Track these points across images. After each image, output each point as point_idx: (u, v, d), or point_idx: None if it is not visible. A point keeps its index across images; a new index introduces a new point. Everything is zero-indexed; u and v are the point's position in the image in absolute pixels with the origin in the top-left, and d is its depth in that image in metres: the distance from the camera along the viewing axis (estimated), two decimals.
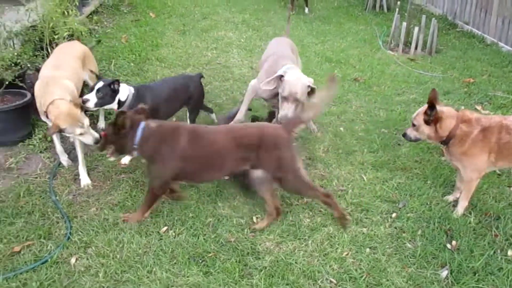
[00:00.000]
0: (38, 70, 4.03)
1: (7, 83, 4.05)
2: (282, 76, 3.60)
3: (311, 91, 3.60)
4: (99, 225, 3.19)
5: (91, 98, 3.55)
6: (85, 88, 4.21)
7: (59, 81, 3.59)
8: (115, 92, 3.61)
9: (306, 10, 8.75)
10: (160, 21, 7.85)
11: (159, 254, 2.96)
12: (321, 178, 3.78)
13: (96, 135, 3.47)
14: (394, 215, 3.35)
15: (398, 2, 7.55)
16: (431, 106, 3.17)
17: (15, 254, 2.93)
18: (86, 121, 3.42)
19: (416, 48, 6.69)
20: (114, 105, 3.66)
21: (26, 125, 4.15)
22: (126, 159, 3.78)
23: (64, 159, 3.87)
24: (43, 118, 3.61)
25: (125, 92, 3.67)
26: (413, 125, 3.33)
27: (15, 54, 4.14)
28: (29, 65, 4.32)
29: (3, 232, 3.11)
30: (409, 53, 6.69)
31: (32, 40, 4.73)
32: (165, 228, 3.19)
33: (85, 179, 3.66)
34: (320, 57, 6.47)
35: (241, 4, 9.09)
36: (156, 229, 3.18)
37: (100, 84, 3.57)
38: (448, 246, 3.04)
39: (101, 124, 4.38)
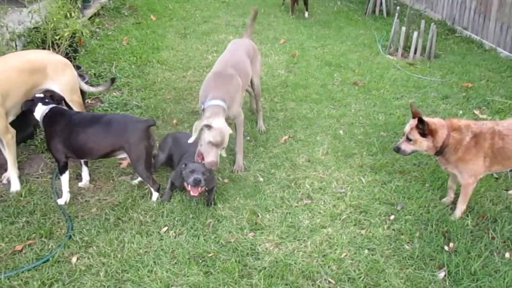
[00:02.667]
0: None
1: None
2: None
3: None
4: (100, 225, 3.22)
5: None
6: None
7: None
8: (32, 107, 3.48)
9: (306, 14, 8.81)
10: (161, 24, 7.91)
11: (160, 254, 2.99)
12: (320, 180, 3.81)
13: None
14: (392, 217, 3.39)
15: (398, 7, 7.60)
16: (420, 119, 3.18)
17: (16, 253, 2.96)
18: None
19: (415, 52, 6.74)
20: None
21: (28, 126, 4.18)
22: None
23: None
24: None
25: (40, 111, 3.45)
26: (409, 139, 3.30)
27: None
28: None
29: (4, 231, 3.13)
30: (408, 58, 6.74)
31: (34, 42, 4.76)
32: (166, 228, 3.21)
33: (15, 185, 3.58)
34: (320, 61, 6.52)
35: (242, 8, 9.15)
36: (156, 229, 3.21)
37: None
38: (446, 248, 3.07)
39: None
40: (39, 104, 3.47)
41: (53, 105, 3.50)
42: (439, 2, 8.72)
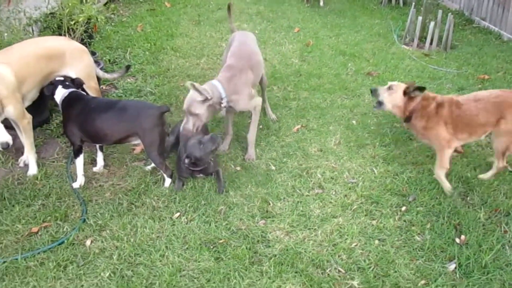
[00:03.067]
0: None
1: None
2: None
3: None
4: (113, 209, 3.28)
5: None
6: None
7: None
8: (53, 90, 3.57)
9: (321, 3, 8.71)
10: (175, 11, 7.90)
11: (172, 239, 3.04)
12: (332, 170, 3.81)
13: (3, 139, 3.16)
14: (403, 208, 3.38)
15: None
16: (421, 88, 3.50)
17: (33, 235, 3.04)
18: None
19: (431, 43, 6.64)
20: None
21: (44, 110, 4.24)
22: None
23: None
24: None
25: (60, 93, 3.53)
26: (390, 88, 3.63)
27: None
28: None
29: (21, 213, 3.21)
30: (424, 48, 6.65)
31: (50, 27, 4.81)
32: (178, 214, 3.26)
33: (32, 169, 3.63)
34: (334, 50, 6.47)
35: None
36: (169, 214, 3.25)
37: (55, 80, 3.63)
38: (457, 240, 3.07)
39: None
40: (59, 87, 3.55)
41: (73, 89, 3.57)
42: None
